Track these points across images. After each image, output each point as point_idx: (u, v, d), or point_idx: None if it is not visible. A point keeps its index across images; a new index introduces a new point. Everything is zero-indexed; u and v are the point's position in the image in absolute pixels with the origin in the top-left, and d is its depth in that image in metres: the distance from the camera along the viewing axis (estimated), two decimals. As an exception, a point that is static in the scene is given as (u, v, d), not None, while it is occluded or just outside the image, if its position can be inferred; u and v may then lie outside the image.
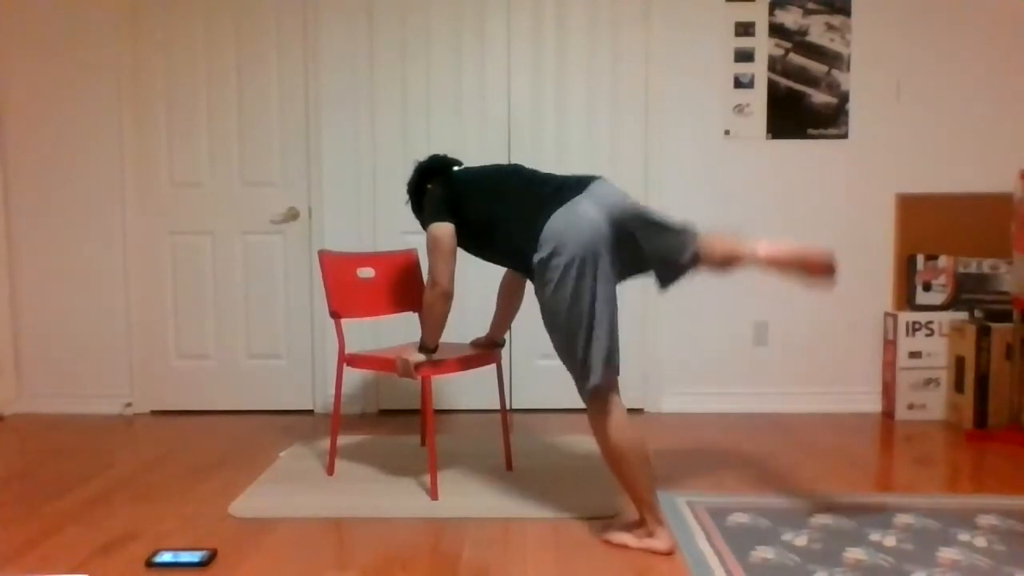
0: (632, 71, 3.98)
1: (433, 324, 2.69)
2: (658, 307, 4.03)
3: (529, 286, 2.98)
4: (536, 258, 2.33)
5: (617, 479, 2.38)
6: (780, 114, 3.98)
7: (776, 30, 3.96)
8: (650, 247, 2.36)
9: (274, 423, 3.89)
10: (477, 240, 2.59)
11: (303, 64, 4.00)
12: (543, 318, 2.39)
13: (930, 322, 3.86)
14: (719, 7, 3.96)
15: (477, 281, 3.94)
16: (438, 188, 2.66)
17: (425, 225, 2.65)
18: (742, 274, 4.02)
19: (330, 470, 3.04)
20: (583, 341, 2.31)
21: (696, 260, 2.34)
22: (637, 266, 2.45)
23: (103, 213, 4.05)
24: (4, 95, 4.01)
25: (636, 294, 3.96)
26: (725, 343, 4.07)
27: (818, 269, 2.27)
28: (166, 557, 2.27)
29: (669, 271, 2.38)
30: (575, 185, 2.41)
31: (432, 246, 2.59)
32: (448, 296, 2.63)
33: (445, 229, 2.58)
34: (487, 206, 2.52)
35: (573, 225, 2.30)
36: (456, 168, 2.73)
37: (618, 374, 2.37)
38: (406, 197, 3.91)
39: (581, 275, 2.28)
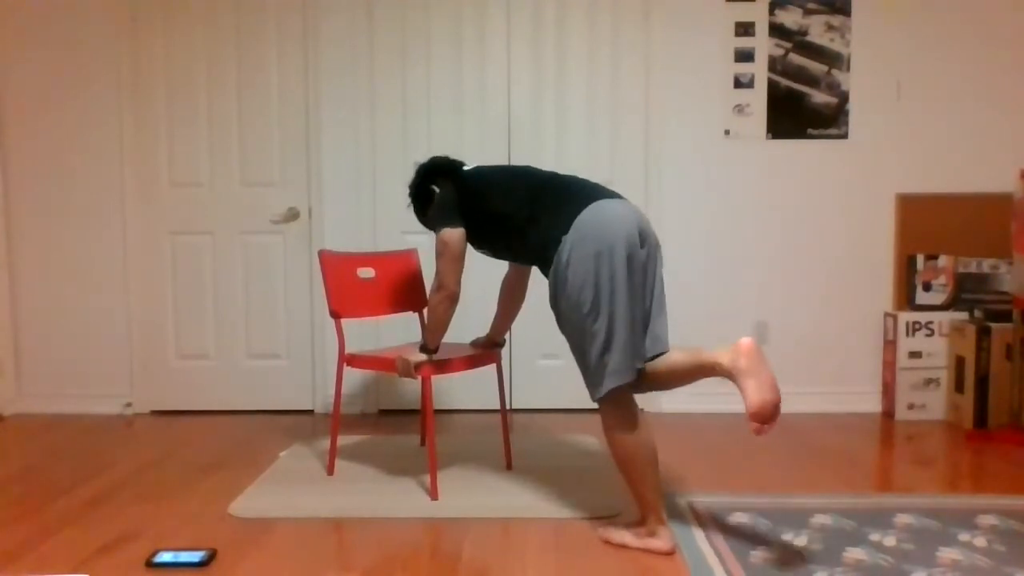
0: (632, 71, 3.98)
1: (437, 326, 2.68)
2: (658, 307, 4.03)
3: (531, 287, 2.96)
4: (563, 251, 2.31)
5: (624, 477, 2.37)
6: (780, 114, 3.98)
7: (776, 30, 3.96)
8: (653, 301, 2.39)
9: (274, 423, 3.89)
10: (495, 237, 2.56)
11: (303, 64, 4.00)
12: (559, 313, 2.37)
13: (930, 322, 3.86)
14: (719, 7, 3.96)
15: (478, 281, 3.94)
16: (449, 189, 2.62)
17: (431, 227, 2.64)
18: (742, 274, 4.03)
19: (330, 470, 3.04)
20: (603, 338, 2.28)
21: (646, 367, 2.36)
22: None
23: (103, 213, 4.05)
24: (4, 95, 4.01)
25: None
26: (725, 343, 4.06)
27: (767, 400, 2.10)
28: (166, 557, 2.27)
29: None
30: (604, 190, 2.43)
31: (441, 249, 2.57)
32: (454, 299, 2.61)
33: (456, 233, 2.56)
34: (512, 202, 2.49)
35: (604, 221, 2.29)
36: (466, 168, 2.71)
37: (636, 375, 2.33)
38: (407, 198, 3.91)
39: (610, 269, 2.26)
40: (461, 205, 2.58)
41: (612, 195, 2.42)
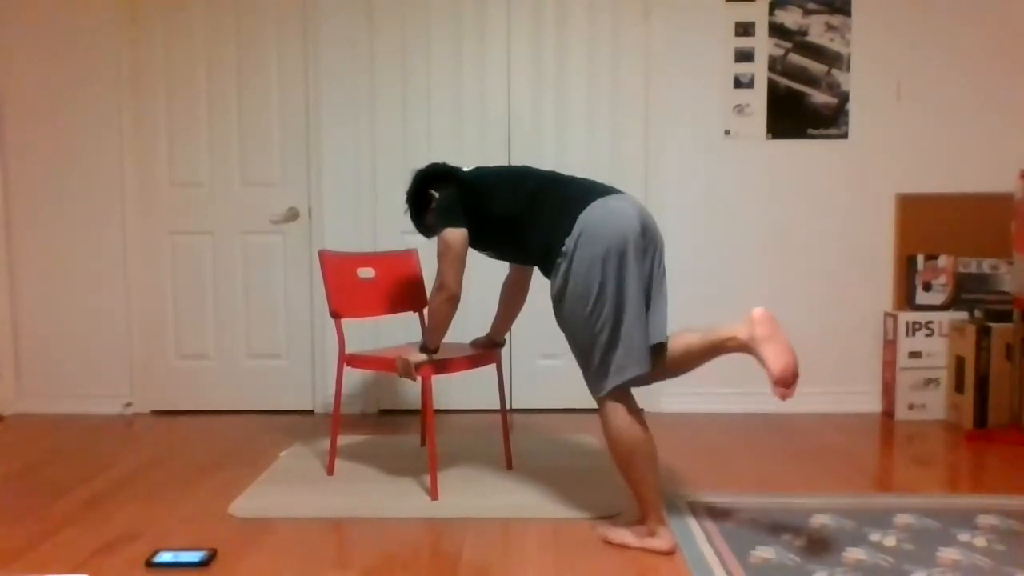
0: (632, 71, 3.98)
1: (437, 327, 2.68)
2: (658, 307, 4.02)
3: (533, 287, 2.96)
4: (567, 251, 2.32)
5: (623, 476, 2.37)
6: (780, 114, 3.98)
7: (776, 30, 3.96)
8: (654, 291, 2.39)
9: (274, 423, 3.89)
10: (498, 238, 2.57)
11: (303, 64, 3.99)
12: (562, 310, 2.36)
13: (930, 322, 3.86)
14: (719, 7, 3.95)
15: (478, 281, 3.93)
16: (452, 191, 2.61)
17: (427, 232, 2.64)
18: (742, 274, 4.03)
19: (330, 470, 3.04)
20: (607, 336, 2.29)
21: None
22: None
23: (103, 213, 4.05)
24: (4, 95, 4.01)
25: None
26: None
27: (788, 363, 2.18)
28: (166, 557, 2.27)
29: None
30: (604, 188, 2.44)
31: (443, 250, 2.56)
32: (456, 300, 2.61)
33: (458, 234, 2.55)
34: (516, 202, 2.49)
35: (608, 219, 2.30)
36: (467, 169, 2.71)
37: (646, 368, 2.33)
38: (404, 204, 3.91)
39: (615, 266, 2.27)
40: (465, 206, 2.58)
41: (612, 191, 2.42)
